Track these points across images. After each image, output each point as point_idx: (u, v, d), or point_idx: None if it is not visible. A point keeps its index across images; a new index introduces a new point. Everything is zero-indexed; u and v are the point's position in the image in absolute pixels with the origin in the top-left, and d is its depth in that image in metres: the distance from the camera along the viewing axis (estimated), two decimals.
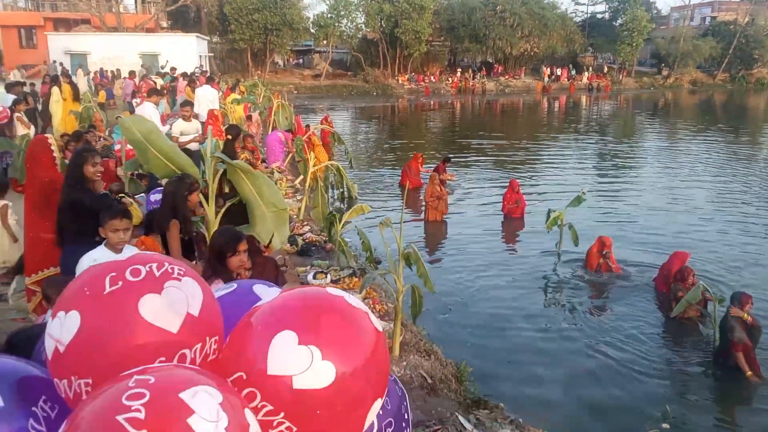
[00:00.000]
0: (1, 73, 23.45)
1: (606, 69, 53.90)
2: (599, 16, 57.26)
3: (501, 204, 11.07)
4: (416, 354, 5.26)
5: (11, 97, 10.77)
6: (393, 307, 5.88)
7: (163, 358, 1.34)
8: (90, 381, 1.30)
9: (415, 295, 5.35)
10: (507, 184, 11.40)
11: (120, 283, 1.37)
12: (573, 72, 51.55)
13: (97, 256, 3.38)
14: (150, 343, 1.33)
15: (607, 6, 56.19)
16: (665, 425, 5.00)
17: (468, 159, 17.63)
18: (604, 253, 8.17)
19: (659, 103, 41.44)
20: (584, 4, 57.31)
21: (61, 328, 1.33)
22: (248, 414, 1.19)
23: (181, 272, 1.46)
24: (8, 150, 7.93)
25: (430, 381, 4.85)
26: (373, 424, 1.74)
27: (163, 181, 5.51)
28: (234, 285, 1.97)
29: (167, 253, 4.18)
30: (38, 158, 4.12)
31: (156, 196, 5.63)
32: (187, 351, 1.38)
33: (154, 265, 1.43)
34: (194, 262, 4.34)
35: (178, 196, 4.26)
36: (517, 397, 5.37)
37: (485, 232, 10.27)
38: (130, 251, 3.43)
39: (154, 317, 1.34)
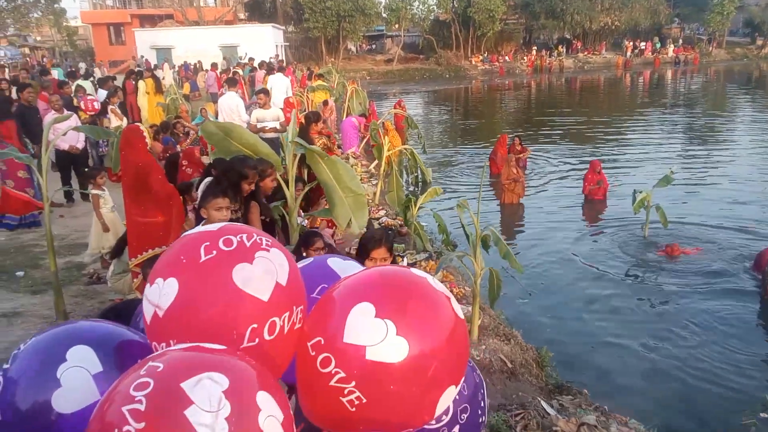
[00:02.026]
0: (94, 69, 24.90)
1: (695, 40, 50.62)
2: None
3: (581, 186, 10.70)
4: (495, 338, 5.20)
5: (103, 92, 11.46)
6: (470, 290, 5.83)
7: (255, 325, 1.38)
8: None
9: (494, 278, 5.27)
10: (587, 165, 10.99)
11: (214, 252, 1.41)
12: (658, 45, 48.72)
13: None
14: (243, 311, 1.38)
15: None
16: (764, 415, 4.70)
17: (545, 139, 17.12)
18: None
19: (753, 75, 38.55)
20: None
21: (160, 294, 1.38)
22: (262, 397, 1.16)
23: (269, 243, 1.50)
24: (104, 138, 8.42)
25: (510, 365, 4.79)
26: (448, 408, 1.72)
27: None
28: (311, 258, 2.03)
29: None
30: (133, 144, 4.33)
31: None
32: (276, 319, 1.42)
33: (244, 236, 1.47)
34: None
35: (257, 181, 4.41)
36: (601, 384, 5.20)
37: (565, 215, 9.96)
38: None
39: (246, 285, 1.38)
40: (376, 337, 1.36)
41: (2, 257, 6.37)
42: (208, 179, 5.70)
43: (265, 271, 1.43)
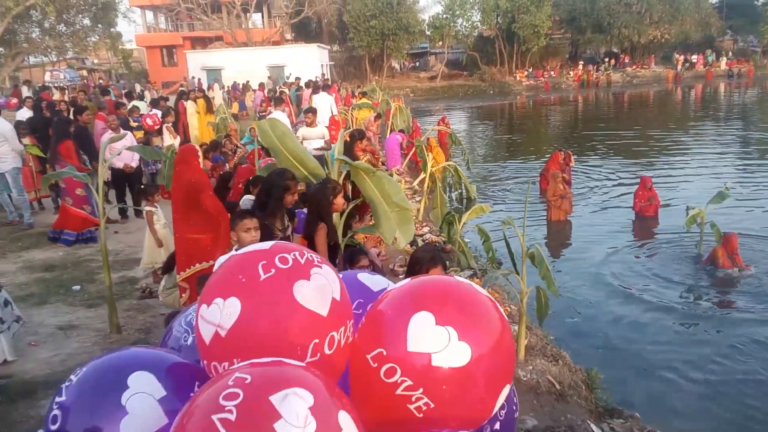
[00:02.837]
0: (148, 90, 25.87)
1: (749, 53, 48.95)
2: None
3: (632, 202, 10.42)
4: (542, 358, 5.08)
5: (157, 111, 11.86)
6: (517, 309, 5.73)
7: (316, 340, 1.42)
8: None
9: (541, 297, 5.17)
10: (638, 181, 10.71)
11: (273, 270, 1.44)
12: (710, 58, 47.32)
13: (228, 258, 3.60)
14: (305, 326, 1.41)
15: None
16: None
17: (594, 155, 16.80)
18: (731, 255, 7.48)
19: None
20: None
21: (221, 314, 1.40)
22: (343, 417, 1.18)
23: (319, 260, 1.54)
24: (155, 158, 8.70)
25: (558, 387, 4.66)
26: None
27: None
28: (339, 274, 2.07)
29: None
30: (188, 161, 4.46)
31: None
32: (334, 333, 1.46)
33: (297, 253, 1.51)
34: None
35: (324, 200, 4.40)
36: (653, 408, 5.02)
37: (614, 232, 9.70)
38: None
39: (307, 301, 1.42)
40: (439, 344, 1.41)
41: (60, 271, 6.63)
42: (248, 197, 5.83)
43: (322, 286, 1.46)
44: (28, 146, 9.01)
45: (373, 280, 2.02)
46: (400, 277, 6.54)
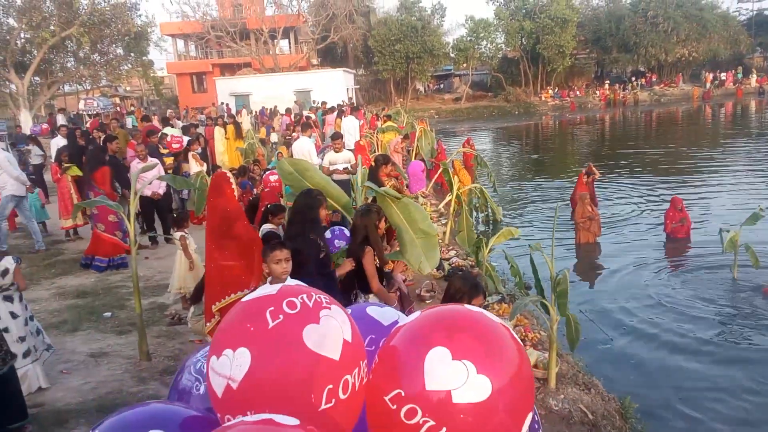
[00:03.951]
0: (178, 116, 26.45)
1: None
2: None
3: (663, 223, 10.22)
4: (574, 387, 4.96)
5: (186, 138, 12.10)
6: (547, 335, 5.63)
7: (330, 386, 1.39)
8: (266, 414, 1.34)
9: (571, 323, 5.07)
10: (668, 201, 10.51)
11: (281, 316, 1.41)
12: (740, 75, 46.59)
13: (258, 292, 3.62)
14: (318, 372, 1.38)
15: None
16: None
17: (622, 174, 16.57)
18: None
19: None
20: (749, 1, 52.00)
21: (232, 366, 1.37)
22: None
23: (328, 300, 1.52)
24: (185, 188, 8.84)
25: (591, 417, 4.55)
26: None
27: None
28: (349, 309, 2.04)
29: (360, 279, 4.41)
30: (222, 190, 4.50)
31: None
32: (348, 376, 1.43)
33: (305, 296, 1.48)
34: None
35: (370, 226, 4.48)
36: None
37: (645, 254, 9.50)
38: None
39: (317, 346, 1.39)
40: (458, 379, 1.38)
41: (92, 298, 6.75)
42: (267, 226, 5.87)
43: (332, 329, 1.43)
44: (70, 168, 9.17)
45: (383, 313, 1.98)
46: (427, 302, 6.50)
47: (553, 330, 4.97)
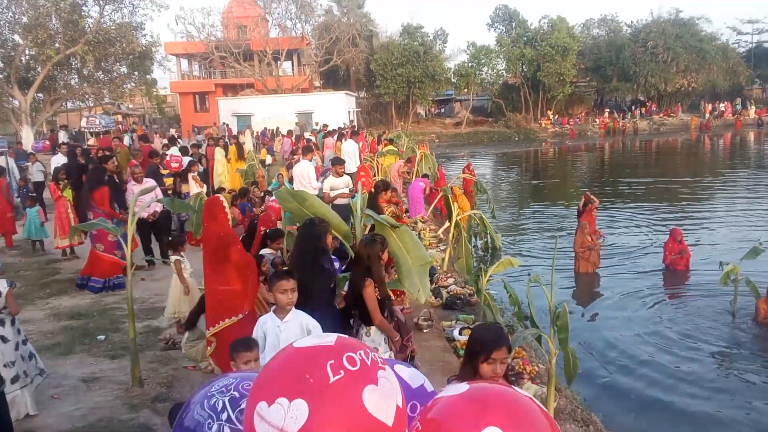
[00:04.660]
0: (180, 136, 26.57)
1: None
2: (766, 45, 52.13)
3: (662, 255, 10.19)
4: (572, 423, 4.89)
5: (187, 158, 12.12)
6: (545, 368, 5.56)
7: None
8: None
9: (569, 356, 5.02)
10: (667, 231, 10.50)
11: (342, 372, 1.36)
12: (738, 106, 47.01)
13: (264, 320, 3.60)
14: None
15: None
16: None
17: (621, 203, 16.59)
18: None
19: None
20: (748, 33, 52.69)
21: (286, 417, 1.31)
22: None
23: (382, 361, 1.47)
24: (183, 212, 8.81)
25: None
26: None
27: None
28: None
29: (360, 309, 4.37)
30: (215, 215, 4.50)
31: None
32: None
33: (362, 353, 1.43)
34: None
35: (373, 256, 4.41)
36: None
37: (644, 286, 9.45)
38: (293, 315, 3.60)
39: (376, 410, 1.34)
40: None
41: (86, 320, 6.68)
42: (266, 251, 5.85)
43: (388, 393, 1.39)
44: (65, 190, 9.19)
45: (410, 375, 1.95)
46: (425, 331, 6.44)
47: (552, 364, 4.91)
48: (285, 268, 3.92)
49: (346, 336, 1.57)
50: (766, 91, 52.73)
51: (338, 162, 9.44)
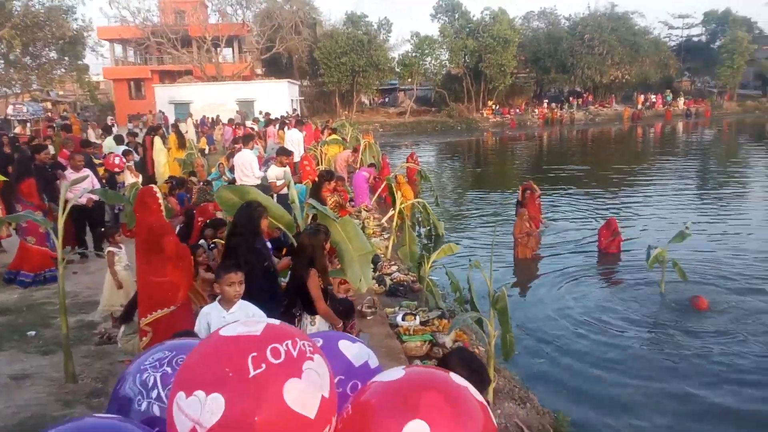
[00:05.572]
0: (115, 124, 25.57)
1: (706, 93, 51.17)
2: (696, 39, 54.78)
3: (596, 238, 10.62)
4: (510, 401, 5.06)
5: (121, 147, 11.70)
6: (485, 350, 5.72)
7: None
8: None
9: (506, 337, 5.18)
10: (600, 218, 10.93)
11: (263, 365, 1.33)
12: (669, 98, 49.26)
13: (208, 311, 3.55)
14: (291, 430, 1.32)
15: (704, 28, 53.68)
16: None
17: (558, 191, 17.13)
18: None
19: (766, 127, 38.61)
20: (679, 27, 55.17)
21: (202, 410, 1.29)
22: None
23: (311, 348, 1.45)
24: (117, 203, 8.51)
25: (526, 431, 4.64)
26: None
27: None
28: (320, 339, 1.95)
29: (303, 299, 4.38)
30: (147, 205, 4.39)
31: None
32: None
33: (289, 343, 1.40)
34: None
35: (316, 247, 4.41)
36: None
37: (579, 269, 9.83)
38: (239, 307, 3.57)
39: (296, 404, 1.33)
40: None
41: (15, 315, 6.38)
42: (213, 241, 5.77)
43: (313, 386, 1.38)
44: None
45: (354, 352, 1.93)
46: (368, 318, 6.49)
47: (490, 345, 5.07)
48: (232, 261, 3.87)
49: (278, 323, 1.54)
50: (695, 84, 55.35)
51: (284, 153, 9.33)
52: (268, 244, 5.21)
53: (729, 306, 7.83)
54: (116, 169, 10.22)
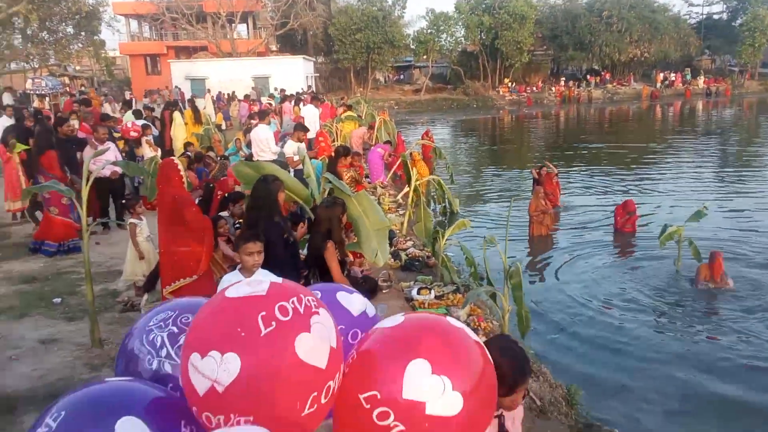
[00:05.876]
0: (133, 99, 25.70)
1: (726, 72, 50.15)
2: (716, 17, 53.53)
3: (612, 217, 10.59)
4: None
5: (140, 122, 11.81)
6: (499, 324, 5.80)
7: (315, 393, 1.42)
8: (251, 419, 1.36)
9: (522, 312, 5.25)
10: (618, 197, 10.88)
11: (273, 323, 1.40)
12: (688, 76, 48.36)
13: (229, 278, 3.64)
14: (305, 381, 1.40)
15: (725, 6, 52.45)
16: None
17: (575, 170, 17.03)
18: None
19: None
20: (699, 5, 53.92)
21: (218, 369, 1.35)
22: None
23: (316, 303, 1.52)
24: (139, 175, 8.64)
25: (539, 403, 4.72)
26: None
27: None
28: (318, 292, 2.01)
29: (320, 268, 4.43)
30: (170, 178, 4.49)
31: None
32: (331, 382, 1.47)
33: (295, 300, 1.47)
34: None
35: (333, 219, 4.48)
36: (632, 425, 5.09)
37: (595, 247, 9.84)
38: (258, 275, 3.64)
39: (308, 356, 1.40)
40: (434, 393, 1.44)
41: (41, 283, 6.56)
42: (226, 213, 5.85)
43: (321, 339, 1.45)
44: (17, 146, 8.83)
45: (351, 302, 2.02)
46: (384, 291, 6.58)
47: (505, 320, 5.14)
48: (251, 231, 3.95)
49: (281, 281, 1.59)
50: (715, 62, 54.27)
51: (303, 129, 9.39)
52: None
53: (747, 287, 7.81)
54: (132, 133, 10.32)
